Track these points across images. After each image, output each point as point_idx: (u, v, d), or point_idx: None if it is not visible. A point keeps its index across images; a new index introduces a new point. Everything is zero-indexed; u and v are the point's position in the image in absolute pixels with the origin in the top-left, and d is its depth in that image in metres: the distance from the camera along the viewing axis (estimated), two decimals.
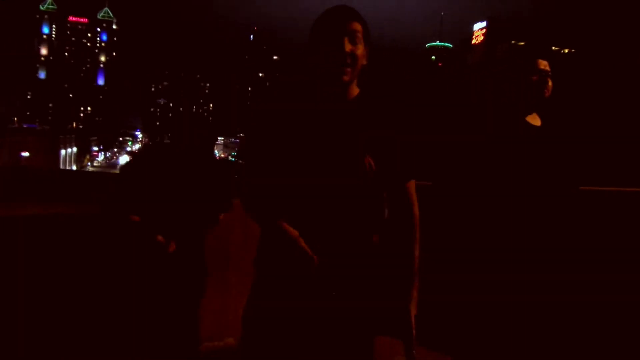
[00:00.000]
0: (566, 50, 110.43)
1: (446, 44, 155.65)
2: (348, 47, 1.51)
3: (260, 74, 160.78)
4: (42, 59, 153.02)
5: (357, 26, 1.54)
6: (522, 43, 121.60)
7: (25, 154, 75.11)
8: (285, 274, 1.49)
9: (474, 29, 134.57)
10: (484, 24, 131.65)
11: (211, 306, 2.91)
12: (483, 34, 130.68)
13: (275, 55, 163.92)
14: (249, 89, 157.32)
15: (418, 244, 1.61)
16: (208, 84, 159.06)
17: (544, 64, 2.30)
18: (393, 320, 1.55)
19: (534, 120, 2.36)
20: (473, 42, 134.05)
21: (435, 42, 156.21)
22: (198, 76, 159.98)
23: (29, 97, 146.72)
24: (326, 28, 1.54)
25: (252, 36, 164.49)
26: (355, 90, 1.61)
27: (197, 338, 2.68)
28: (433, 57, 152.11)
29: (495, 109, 2.42)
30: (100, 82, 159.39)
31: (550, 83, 2.31)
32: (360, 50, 1.54)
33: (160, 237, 2.39)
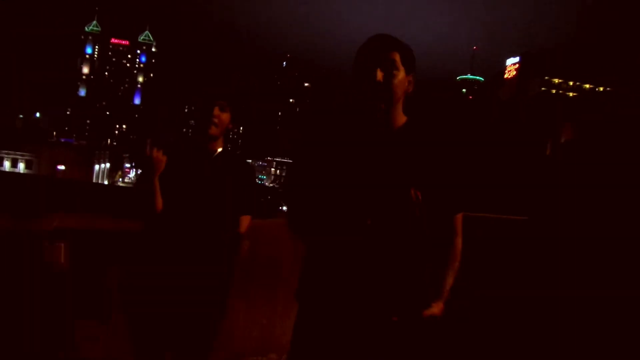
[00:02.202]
0: (601, 89, 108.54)
1: (477, 77, 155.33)
2: (379, 76, 1.51)
3: (291, 100, 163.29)
4: (84, 77, 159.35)
5: (394, 55, 1.54)
6: (556, 80, 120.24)
7: (61, 167, 77.64)
8: (328, 309, 1.50)
9: (507, 64, 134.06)
10: (517, 59, 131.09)
11: (257, 320, 2.92)
12: (516, 69, 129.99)
13: (307, 82, 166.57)
14: (279, 113, 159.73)
15: (454, 273, 1.62)
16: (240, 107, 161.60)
17: None
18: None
19: None
20: (505, 76, 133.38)
21: (466, 75, 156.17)
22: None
23: (68, 112, 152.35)
24: (361, 59, 1.56)
25: (284, 63, 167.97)
26: (401, 119, 1.60)
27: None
28: (464, 90, 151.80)
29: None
30: (137, 101, 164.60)
31: None
32: (398, 78, 1.54)
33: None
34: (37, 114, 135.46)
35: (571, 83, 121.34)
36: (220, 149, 2.44)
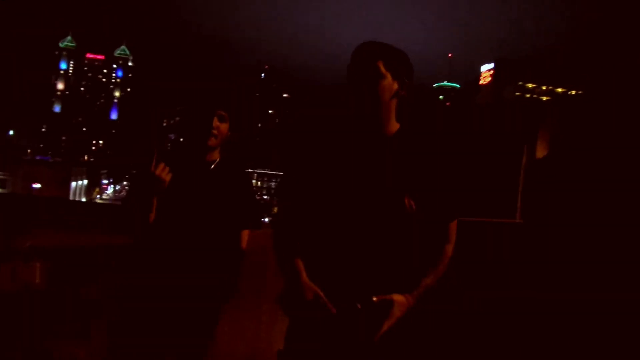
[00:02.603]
0: (573, 92, 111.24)
1: (454, 85, 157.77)
2: (364, 86, 1.56)
3: (270, 111, 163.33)
4: (58, 93, 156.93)
5: (377, 63, 1.57)
6: (530, 85, 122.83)
7: (37, 185, 75.99)
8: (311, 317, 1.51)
9: (482, 70, 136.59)
10: (491, 65, 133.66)
11: (241, 332, 2.85)
12: (491, 75, 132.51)
13: (285, 93, 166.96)
14: (259, 125, 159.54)
15: (436, 276, 1.60)
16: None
17: None
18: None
19: None
20: (481, 82, 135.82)
21: (443, 82, 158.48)
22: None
23: (43, 130, 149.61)
24: (350, 69, 1.61)
25: (263, 74, 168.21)
26: (394, 126, 1.62)
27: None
28: (441, 96, 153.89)
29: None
30: (114, 116, 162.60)
31: None
32: (382, 84, 1.56)
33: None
34: (11, 132, 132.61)
35: (544, 87, 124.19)
36: (217, 159, 2.34)
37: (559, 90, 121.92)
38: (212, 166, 2.29)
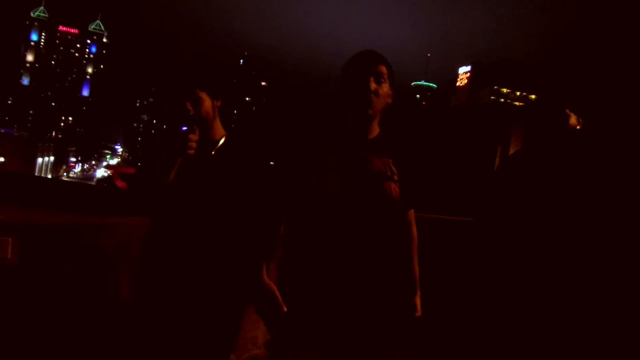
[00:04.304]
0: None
1: (431, 84, 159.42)
2: (373, 86, 1.71)
3: (248, 99, 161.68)
4: (27, 65, 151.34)
5: (383, 68, 1.75)
6: (505, 90, 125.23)
7: (0, 159, 73.34)
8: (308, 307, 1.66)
9: (459, 72, 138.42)
10: (468, 68, 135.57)
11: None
12: (467, 78, 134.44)
13: (264, 82, 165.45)
14: (235, 112, 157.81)
15: (417, 262, 1.87)
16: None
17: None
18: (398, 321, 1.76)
19: None
20: (457, 84, 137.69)
21: (420, 81, 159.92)
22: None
23: (9, 102, 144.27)
24: (355, 69, 1.74)
25: (242, 61, 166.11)
26: (375, 130, 1.80)
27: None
28: (417, 95, 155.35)
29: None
30: (85, 93, 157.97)
31: None
32: (384, 89, 1.75)
33: None
34: None
35: (518, 93, 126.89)
36: (222, 139, 2.08)
37: (533, 97, 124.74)
38: (217, 146, 2.07)
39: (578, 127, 2.47)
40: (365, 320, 1.67)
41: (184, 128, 1.92)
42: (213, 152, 2.05)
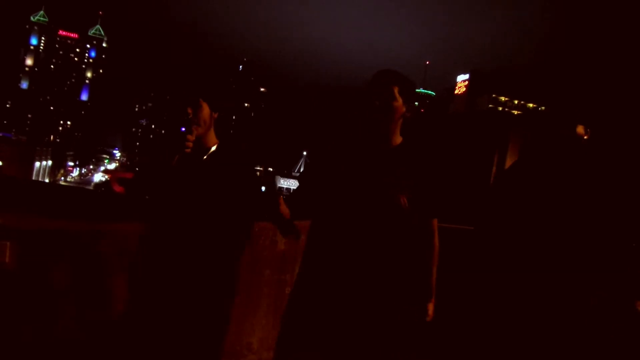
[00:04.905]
0: (543, 108, 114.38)
1: (429, 92, 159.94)
2: (376, 103, 1.93)
3: (246, 104, 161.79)
4: (27, 69, 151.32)
5: (392, 88, 1.94)
6: (503, 98, 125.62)
7: None
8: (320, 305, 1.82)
9: (458, 80, 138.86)
10: (466, 76, 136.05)
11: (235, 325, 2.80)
12: (465, 86, 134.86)
13: (262, 87, 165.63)
14: (233, 117, 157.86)
15: (436, 267, 1.99)
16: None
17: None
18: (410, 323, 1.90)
19: None
20: (456, 92, 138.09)
21: (419, 88, 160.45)
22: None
23: (8, 105, 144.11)
24: (370, 87, 1.96)
25: (241, 66, 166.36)
26: (398, 139, 1.98)
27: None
28: (416, 103, 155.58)
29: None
30: (84, 97, 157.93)
31: None
32: (394, 105, 1.93)
33: None
34: None
35: (516, 101, 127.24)
36: (214, 147, 2.24)
37: (530, 105, 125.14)
38: (208, 153, 2.21)
39: (585, 137, 2.50)
40: (364, 321, 1.77)
41: (183, 129, 2.12)
42: (205, 157, 2.20)
